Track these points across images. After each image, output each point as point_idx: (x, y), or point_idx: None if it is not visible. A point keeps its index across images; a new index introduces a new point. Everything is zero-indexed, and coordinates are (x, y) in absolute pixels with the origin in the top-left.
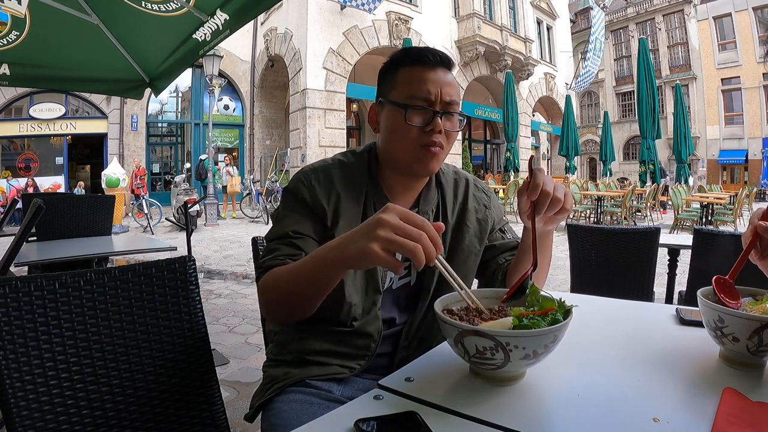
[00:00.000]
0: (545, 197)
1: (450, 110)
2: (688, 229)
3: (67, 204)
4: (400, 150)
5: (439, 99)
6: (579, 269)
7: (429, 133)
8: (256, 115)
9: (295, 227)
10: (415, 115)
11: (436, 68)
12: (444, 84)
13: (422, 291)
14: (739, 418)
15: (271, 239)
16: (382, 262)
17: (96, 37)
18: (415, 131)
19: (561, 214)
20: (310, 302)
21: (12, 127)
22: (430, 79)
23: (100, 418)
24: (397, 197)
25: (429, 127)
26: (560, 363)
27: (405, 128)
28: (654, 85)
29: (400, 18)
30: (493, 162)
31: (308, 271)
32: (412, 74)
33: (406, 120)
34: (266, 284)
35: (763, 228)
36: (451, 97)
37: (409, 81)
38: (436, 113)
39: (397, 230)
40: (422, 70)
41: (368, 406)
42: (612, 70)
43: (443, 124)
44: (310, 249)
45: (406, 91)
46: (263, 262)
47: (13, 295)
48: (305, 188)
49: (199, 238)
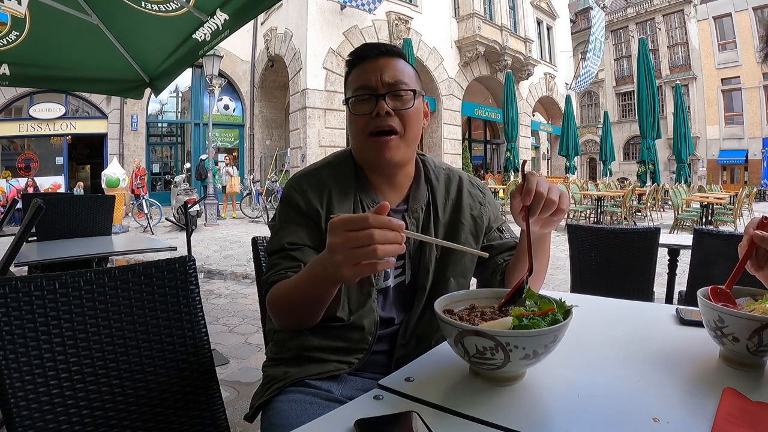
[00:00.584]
0: (539, 199)
1: (395, 90)
2: (688, 229)
3: (67, 204)
4: (357, 144)
5: (380, 82)
6: (579, 269)
7: (376, 119)
8: (256, 115)
9: (290, 238)
10: (359, 104)
11: (379, 59)
12: (383, 68)
13: (418, 289)
14: (739, 418)
15: (270, 253)
16: (362, 275)
17: (96, 37)
18: (363, 121)
19: (557, 216)
20: (313, 312)
21: (12, 127)
22: (370, 68)
23: (100, 418)
24: (385, 196)
25: (375, 112)
26: (560, 363)
27: (354, 120)
28: (654, 85)
29: (400, 18)
30: (493, 162)
31: (304, 288)
32: (358, 70)
33: (352, 111)
34: (271, 299)
35: (759, 237)
36: (395, 78)
37: (356, 77)
38: (378, 96)
39: (349, 245)
40: (365, 64)
41: (368, 406)
42: (612, 70)
43: (391, 104)
44: (307, 258)
45: (353, 86)
46: (267, 278)
47: (13, 295)
48: (298, 194)
49: (199, 238)
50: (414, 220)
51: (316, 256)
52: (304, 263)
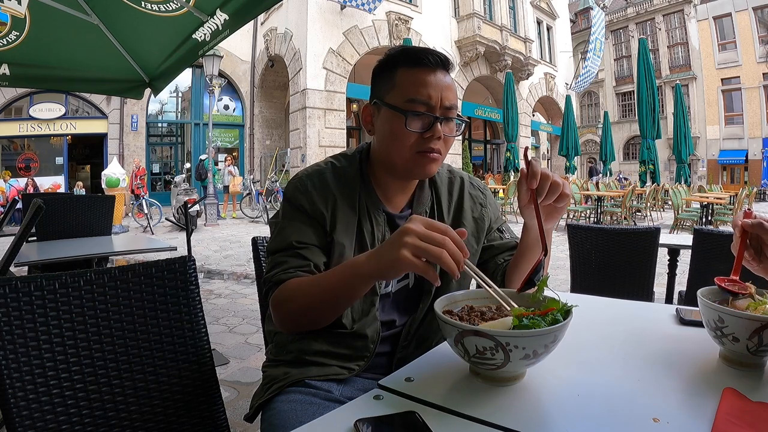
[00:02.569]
0: (545, 180)
1: (449, 115)
2: (688, 229)
3: (67, 204)
4: (399, 155)
5: (439, 104)
6: (579, 269)
7: (428, 139)
8: (256, 115)
9: (297, 237)
10: (415, 121)
11: (436, 70)
12: (444, 88)
13: (423, 293)
14: (739, 418)
15: (275, 251)
16: (414, 268)
17: (96, 37)
18: (414, 137)
19: (561, 202)
20: (334, 313)
21: (12, 127)
22: (430, 82)
23: (100, 418)
24: (390, 199)
25: (428, 134)
26: (560, 363)
27: (404, 134)
28: (654, 85)
29: (400, 18)
30: (493, 162)
31: (334, 285)
32: (411, 76)
33: (407, 126)
34: (282, 298)
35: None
36: (451, 102)
37: (409, 83)
38: (436, 119)
39: (423, 237)
40: (422, 72)
41: (368, 406)
42: (612, 70)
43: (445, 129)
44: (316, 258)
45: (405, 94)
46: (272, 276)
47: (13, 295)
48: (302, 195)
49: (199, 238)
50: None
51: (324, 257)
52: (314, 263)
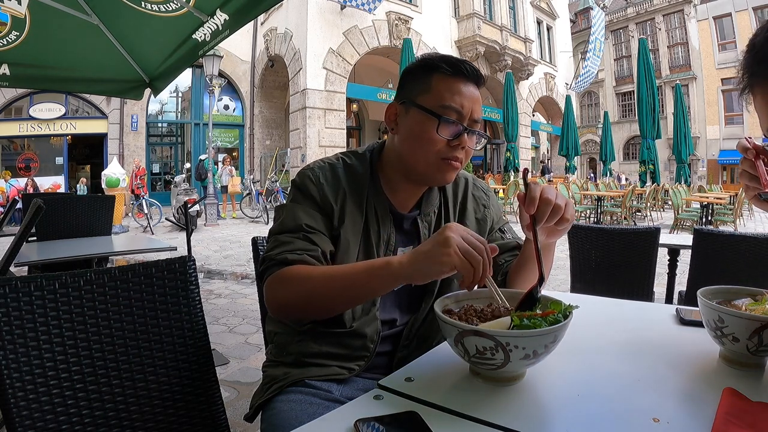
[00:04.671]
0: (546, 205)
1: (475, 128)
2: (688, 229)
3: (67, 204)
4: (423, 158)
5: (469, 115)
6: (579, 269)
7: (454, 148)
8: (256, 115)
9: (308, 221)
10: (447, 127)
11: (471, 83)
12: (476, 101)
13: (426, 292)
14: (739, 418)
15: (281, 231)
16: (459, 265)
17: (96, 37)
18: (442, 143)
19: (562, 225)
20: (343, 307)
21: (12, 127)
22: (465, 92)
23: (100, 418)
24: (399, 200)
25: (455, 142)
26: (560, 363)
27: (433, 139)
28: (654, 85)
29: (400, 18)
30: (493, 162)
31: (354, 279)
32: (448, 83)
33: (438, 131)
34: (284, 278)
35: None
36: (479, 116)
37: (444, 89)
38: (465, 129)
39: (467, 239)
40: (459, 82)
41: (368, 406)
42: (612, 70)
43: (470, 141)
44: (324, 245)
45: (440, 100)
46: (275, 254)
47: (13, 295)
48: (314, 185)
49: (199, 238)
50: (426, 224)
51: (331, 246)
52: (323, 250)
